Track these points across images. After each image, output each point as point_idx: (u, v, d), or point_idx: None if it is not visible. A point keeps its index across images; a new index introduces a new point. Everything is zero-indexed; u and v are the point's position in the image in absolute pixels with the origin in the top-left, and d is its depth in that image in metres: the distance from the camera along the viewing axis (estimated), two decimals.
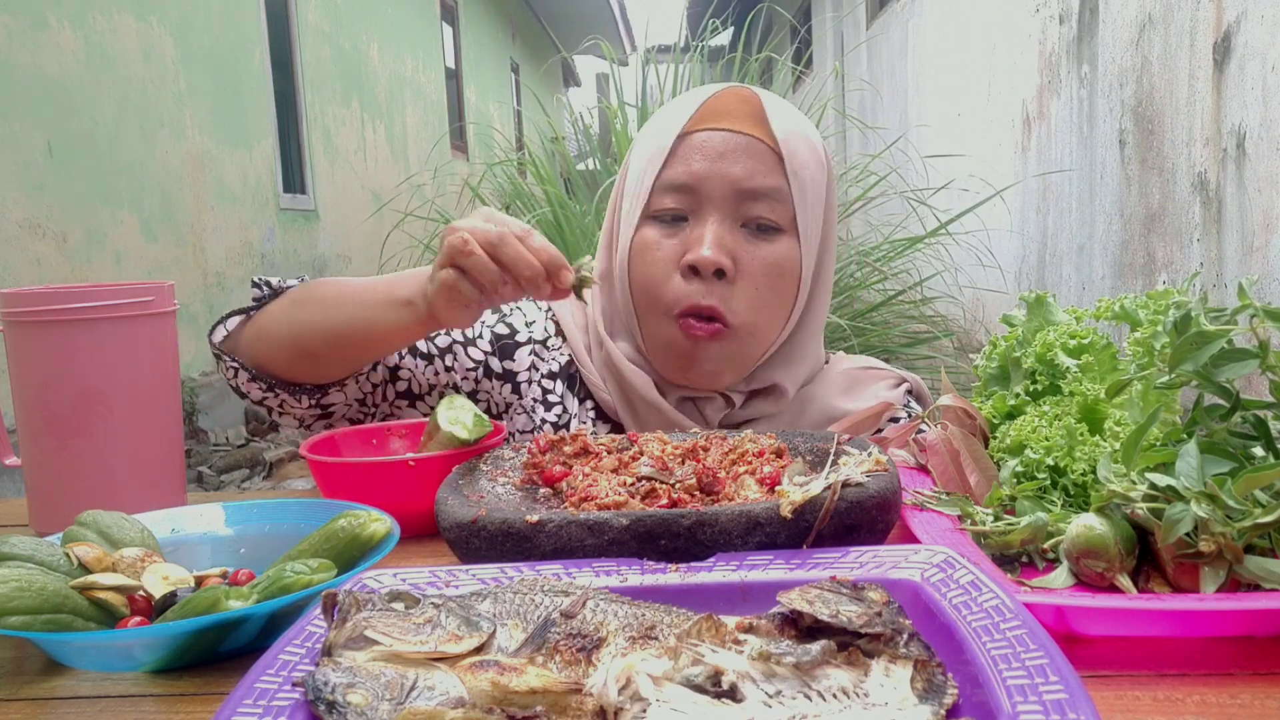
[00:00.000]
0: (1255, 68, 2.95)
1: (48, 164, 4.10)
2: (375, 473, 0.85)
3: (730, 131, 0.99)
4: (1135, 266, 3.80)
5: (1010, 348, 0.85)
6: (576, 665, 0.49)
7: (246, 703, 0.46)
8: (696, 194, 0.98)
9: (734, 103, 1.01)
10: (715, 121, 1.00)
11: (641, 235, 1.00)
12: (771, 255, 0.98)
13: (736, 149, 0.98)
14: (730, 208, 0.98)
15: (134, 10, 4.79)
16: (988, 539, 0.67)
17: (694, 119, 1.00)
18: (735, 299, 0.97)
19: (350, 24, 7.85)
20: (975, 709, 0.45)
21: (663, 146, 1.00)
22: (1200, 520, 0.57)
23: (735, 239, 0.98)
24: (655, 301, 0.99)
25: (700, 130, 0.99)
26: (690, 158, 0.99)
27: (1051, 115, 4.61)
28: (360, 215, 7.24)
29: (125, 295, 0.91)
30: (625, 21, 16.68)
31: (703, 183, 0.98)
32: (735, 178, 0.97)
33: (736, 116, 1.00)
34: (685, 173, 0.98)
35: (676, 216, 0.99)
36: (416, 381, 1.08)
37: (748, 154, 0.98)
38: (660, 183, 1.00)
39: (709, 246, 0.96)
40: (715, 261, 0.95)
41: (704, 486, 0.72)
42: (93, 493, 0.89)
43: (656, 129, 1.03)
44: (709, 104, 1.01)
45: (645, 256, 1.00)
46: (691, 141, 0.99)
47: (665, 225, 1.00)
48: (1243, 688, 0.52)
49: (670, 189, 0.99)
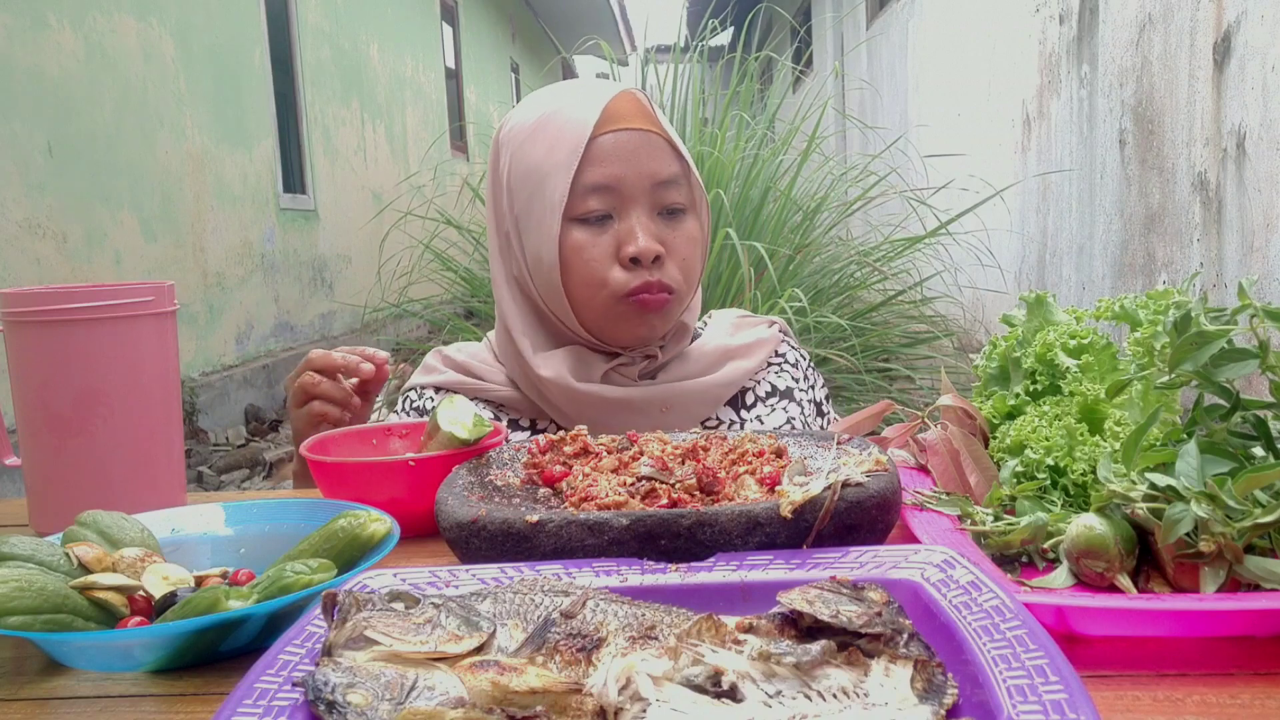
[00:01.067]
0: (1255, 68, 2.95)
1: (48, 164, 4.10)
2: (375, 473, 0.85)
3: (633, 130, 1.08)
4: (1135, 266, 3.80)
5: (1010, 348, 0.85)
6: (576, 665, 0.49)
7: (246, 703, 0.46)
8: (618, 192, 1.06)
9: (627, 104, 1.09)
10: (617, 123, 1.07)
11: (571, 238, 1.07)
12: (686, 232, 1.10)
13: (644, 146, 1.08)
14: (649, 199, 1.08)
15: (134, 10, 4.79)
16: (988, 539, 0.67)
17: (597, 123, 1.06)
18: (670, 273, 1.08)
19: (350, 24, 7.85)
20: (975, 709, 0.45)
21: (575, 152, 1.05)
22: (1200, 520, 0.57)
23: (658, 226, 1.08)
24: (597, 292, 1.07)
25: (606, 133, 1.07)
26: (605, 160, 1.06)
27: (1051, 115, 4.61)
28: (360, 215, 7.24)
29: (125, 295, 0.91)
30: (625, 21, 16.68)
31: (623, 182, 1.06)
32: (651, 172, 1.07)
33: (634, 116, 1.09)
34: (605, 174, 1.06)
35: (601, 217, 1.07)
36: None
37: (654, 148, 1.08)
38: (580, 187, 1.05)
39: (645, 238, 1.06)
40: (654, 250, 1.06)
41: (704, 486, 0.72)
42: (93, 493, 0.89)
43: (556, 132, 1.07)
44: (607, 109, 1.07)
45: (581, 256, 1.07)
46: (601, 145, 1.06)
47: (592, 225, 1.07)
48: (1243, 688, 0.52)
49: (592, 191, 1.06)
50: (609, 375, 1.12)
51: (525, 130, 1.10)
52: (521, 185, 1.09)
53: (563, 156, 1.05)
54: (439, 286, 3.67)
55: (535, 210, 1.08)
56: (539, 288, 1.11)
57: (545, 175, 1.06)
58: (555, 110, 1.09)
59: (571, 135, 1.06)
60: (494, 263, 1.17)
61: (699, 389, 1.13)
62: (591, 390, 1.09)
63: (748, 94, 3.51)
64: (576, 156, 1.05)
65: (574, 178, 1.05)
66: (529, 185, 1.08)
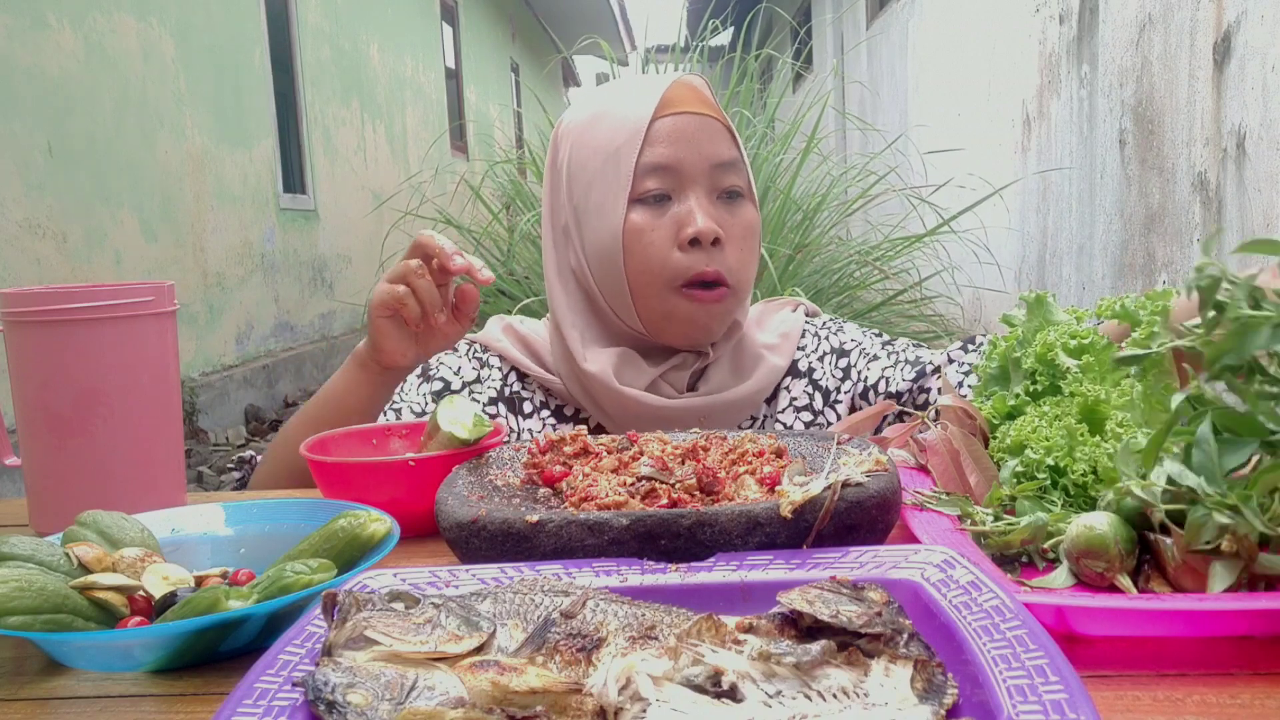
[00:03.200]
0: (1255, 68, 2.95)
1: (48, 164, 4.10)
2: (375, 473, 0.85)
3: (693, 114, 1.08)
4: (1135, 266, 3.80)
5: (1010, 348, 0.85)
6: (576, 665, 0.49)
7: (246, 703, 0.46)
8: (678, 173, 1.07)
9: (687, 90, 1.11)
10: (677, 107, 1.08)
11: (631, 222, 1.06)
12: (744, 218, 1.10)
13: (703, 129, 1.08)
14: (708, 182, 1.08)
15: (134, 10, 4.79)
16: (988, 539, 0.67)
17: (657, 107, 1.07)
18: (728, 261, 1.07)
19: (350, 24, 7.85)
20: (975, 709, 0.45)
21: (638, 132, 1.06)
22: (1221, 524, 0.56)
23: (717, 209, 1.08)
24: (655, 278, 1.06)
25: (666, 116, 1.07)
26: (666, 141, 1.07)
27: (1051, 115, 4.61)
28: (360, 215, 7.24)
29: (125, 295, 0.91)
30: (625, 21, 16.68)
31: (683, 162, 1.06)
32: (709, 154, 1.07)
33: (693, 101, 1.10)
34: (664, 155, 1.06)
35: (660, 197, 1.07)
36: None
37: (713, 132, 1.09)
38: (640, 167, 1.06)
39: (704, 219, 1.05)
40: (714, 230, 1.05)
41: (704, 486, 0.72)
42: (93, 493, 0.89)
43: (617, 116, 1.08)
44: (667, 94, 1.08)
45: (640, 240, 1.06)
46: (661, 127, 1.07)
47: (650, 207, 1.07)
48: (1243, 688, 0.52)
49: (652, 171, 1.06)
50: (656, 384, 1.11)
51: (584, 121, 1.11)
52: (581, 173, 1.09)
53: (624, 139, 1.06)
54: None
55: (595, 195, 1.08)
56: (597, 277, 1.10)
57: (607, 158, 1.07)
58: (614, 100, 1.10)
59: (633, 119, 1.07)
60: (547, 256, 1.16)
61: (737, 399, 1.12)
62: (631, 394, 1.08)
63: (748, 93, 3.51)
64: (639, 137, 1.05)
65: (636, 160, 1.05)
66: (589, 171, 1.08)
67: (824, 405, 1.17)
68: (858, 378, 1.16)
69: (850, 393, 1.16)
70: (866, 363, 1.16)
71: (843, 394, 1.16)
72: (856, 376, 1.16)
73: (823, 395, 1.16)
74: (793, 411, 1.16)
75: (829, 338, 1.21)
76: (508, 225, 3.60)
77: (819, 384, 1.17)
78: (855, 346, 1.19)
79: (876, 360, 1.16)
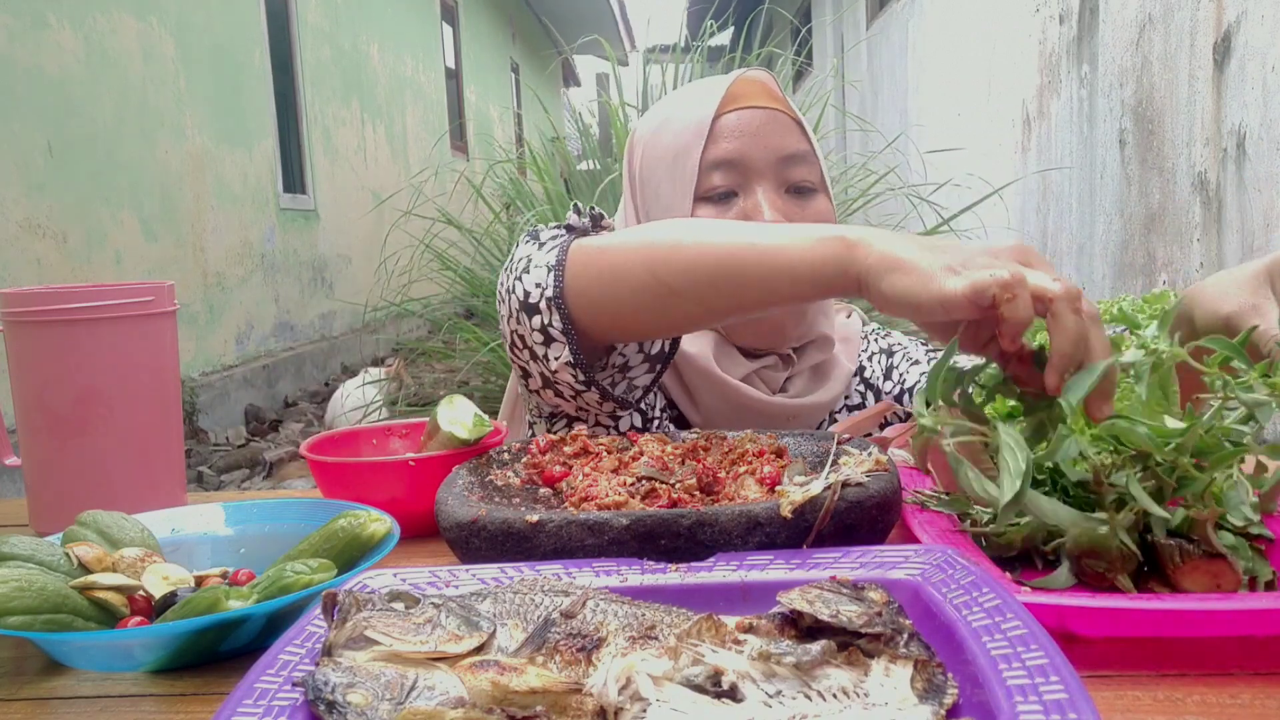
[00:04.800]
0: (1255, 68, 2.95)
1: (48, 164, 4.10)
2: (375, 473, 0.85)
3: (758, 108, 1.06)
4: (1135, 266, 3.80)
5: None
6: (576, 665, 0.49)
7: (246, 703, 0.46)
8: (744, 168, 1.04)
9: (751, 85, 1.08)
10: (741, 102, 1.06)
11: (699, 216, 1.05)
12: (815, 212, 1.06)
13: (769, 122, 1.05)
14: (775, 176, 1.05)
15: (134, 10, 4.79)
16: (988, 539, 0.67)
17: (721, 103, 1.05)
18: None
19: (350, 24, 7.85)
20: (975, 709, 0.45)
21: (701, 130, 1.05)
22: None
23: (785, 203, 1.05)
24: None
25: (730, 111, 1.05)
26: (730, 136, 1.04)
27: (1051, 115, 4.61)
28: (360, 215, 7.24)
29: (125, 295, 0.91)
30: (625, 21, 16.67)
31: (748, 156, 1.04)
32: (776, 147, 1.04)
33: (758, 96, 1.07)
34: (730, 149, 1.04)
35: (725, 194, 1.05)
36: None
37: (780, 125, 1.06)
38: (705, 163, 1.04)
39: (771, 212, 1.02)
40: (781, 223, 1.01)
41: (704, 486, 0.72)
42: (93, 493, 0.89)
43: (682, 118, 1.07)
44: (730, 90, 1.07)
45: None
46: (725, 122, 1.05)
47: (716, 203, 1.05)
48: (1243, 688, 0.52)
49: (717, 167, 1.04)
50: (750, 378, 1.09)
51: (653, 128, 1.10)
52: (650, 175, 1.09)
53: (689, 138, 1.05)
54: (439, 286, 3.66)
55: (664, 195, 1.07)
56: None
57: (673, 158, 1.06)
58: (680, 103, 1.09)
59: (697, 118, 1.05)
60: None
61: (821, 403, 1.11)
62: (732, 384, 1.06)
63: None
64: (702, 134, 1.04)
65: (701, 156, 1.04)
66: (658, 173, 1.08)
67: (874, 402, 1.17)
68: (898, 379, 1.16)
69: (891, 393, 1.16)
70: (908, 365, 1.17)
71: (884, 394, 1.16)
72: (897, 378, 1.17)
73: (874, 394, 1.17)
74: (846, 411, 1.16)
75: (878, 340, 1.22)
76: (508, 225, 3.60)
77: (869, 382, 1.18)
78: (900, 350, 1.20)
79: (917, 365, 1.17)
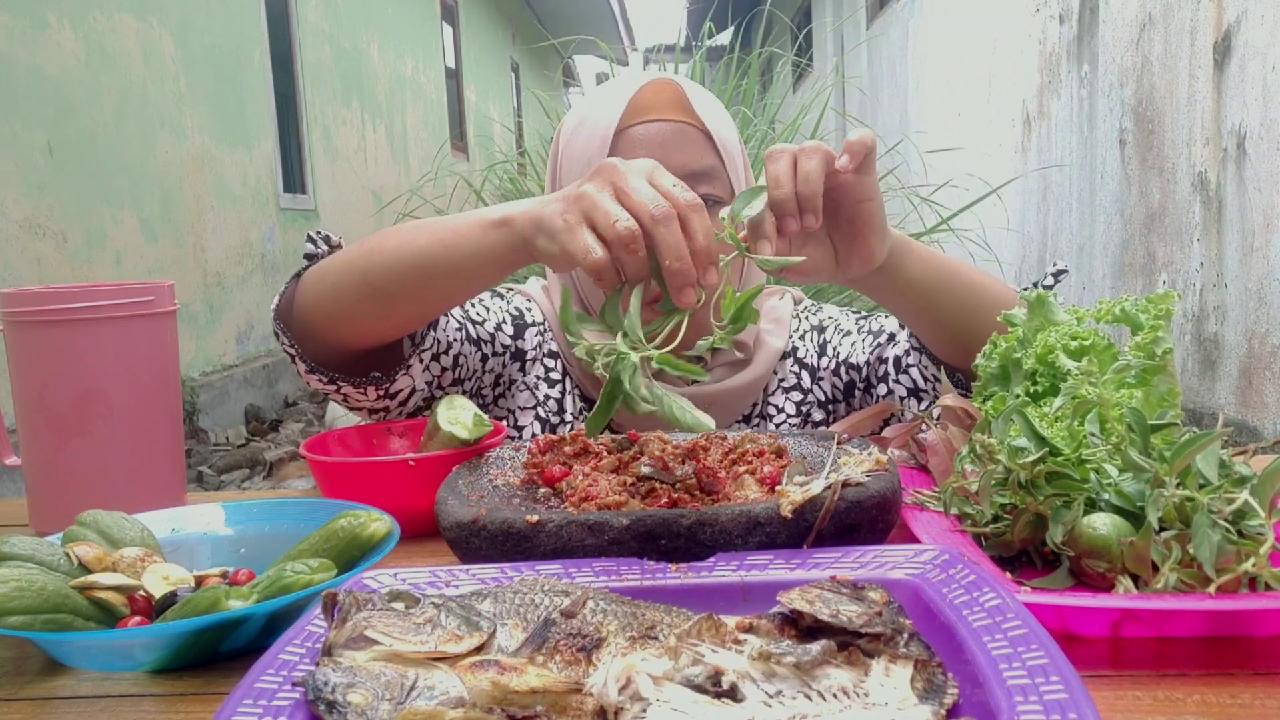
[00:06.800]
0: (1255, 68, 2.94)
1: (48, 164, 4.10)
2: (375, 473, 0.85)
3: (663, 121, 1.03)
4: (1135, 266, 3.80)
5: (1010, 348, 0.85)
6: (576, 665, 0.49)
7: (246, 703, 0.46)
8: None
9: (658, 94, 1.06)
10: (647, 114, 1.04)
11: None
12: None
13: (674, 137, 1.03)
14: None
15: (134, 10, 4.79)
16: (988, 539, 0.67)
17: (625, 115, 1.04)
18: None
19: (350, 24, 7.85)
20: (975, 709, 0.45)
21: (605, 142, 1.03)
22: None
23: None
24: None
25: (635, 125, 1.04)
26: (635, 150, 1.02)
27: (1052, 115, 4.61)
28: (360, 215, 7.24)
29: (125, 295, 0.91)
30: (625, 21, 16.67)
31: None
32: (680, 164, 1.01)
33: (665, 107, 1.04)
34: None
35: None
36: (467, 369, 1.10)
37: (686, 140, 1.03)
38: None
39: None
40: None
41: (704, 486, 0.72)
42: (93, 493, 0.89)
43: (588, 130, 1.06)
44: (635, 99, 1.04)
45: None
46: (630, 137, 1.03)
47: None
48: (1243, 688, 0.52)
49: None
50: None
51: (572, 125, 1.09)
52: (566, 177, 1.08)
53: (595, 147, 1.04)
54: None
55: None
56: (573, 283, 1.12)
57: (585, 163, 1.05)
58: (592, 106, 1.08)
59: (600, 129, 1.04)
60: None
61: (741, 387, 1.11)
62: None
63: (750, 91, 3.51)
64: (604, 151, 1.03)
65: None
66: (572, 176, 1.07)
67: (811, 383, 1.17)
68: (832, 353, 1.16)
69: (827, 368, 1.17)
70: (840, 338, 1.17)
71: (822, 370, 1.16)
72: (831, 352, 1.17)
73: (809, 373, 1.17)
74: (782, 393, 1.17)
75: (809, 317, 1.22)
76: None
77: (804, 362, 1.18)
78: (832, 323, 1.20)
79: (848, 336, 1.17)
